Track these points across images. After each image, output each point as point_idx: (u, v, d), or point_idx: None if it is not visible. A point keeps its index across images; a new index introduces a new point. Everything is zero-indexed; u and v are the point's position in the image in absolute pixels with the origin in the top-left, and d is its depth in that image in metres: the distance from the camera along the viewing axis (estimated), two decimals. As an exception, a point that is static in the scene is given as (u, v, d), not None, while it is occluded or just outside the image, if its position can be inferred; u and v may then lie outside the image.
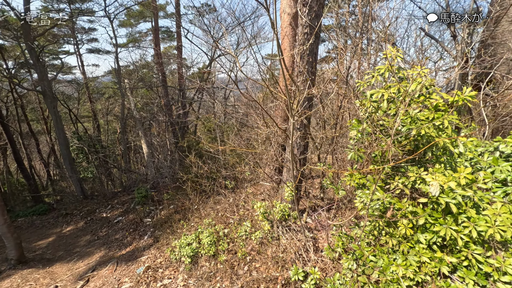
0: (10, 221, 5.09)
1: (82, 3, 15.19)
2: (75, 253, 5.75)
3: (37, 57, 8.89)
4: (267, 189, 5.30)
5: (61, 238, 6.79)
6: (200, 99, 8.86)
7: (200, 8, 12.38)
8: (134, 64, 15.30)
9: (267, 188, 5.31)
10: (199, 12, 12.16)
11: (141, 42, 18.01)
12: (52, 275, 4.89)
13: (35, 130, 18.53)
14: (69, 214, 8.03)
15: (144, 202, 7.41)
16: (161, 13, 19.35)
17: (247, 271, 2.99)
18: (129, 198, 8.35)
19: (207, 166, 5.53)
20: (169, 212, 6.06)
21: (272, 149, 5.23)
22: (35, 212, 8.66)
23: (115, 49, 11.77)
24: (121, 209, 7.67)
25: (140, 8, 18.04)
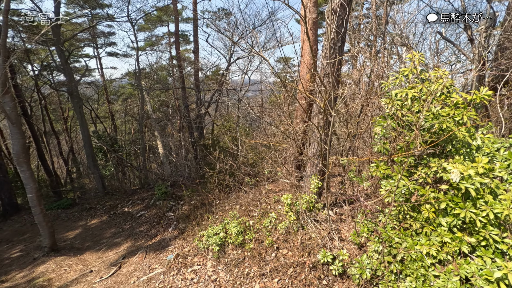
0: (45, 212, 5.52)
1: (102, 8, 15.97)
2: (103, 243, 6.14)
3: (66, 60, 9.48)
4: (287, 186, 5.56)
5: (87, 230, 7.21)
6: (217, 101, 9.22)
7: (217, 12, 12.85)
8: (151, 67, 15.90)
9: (287, 185, 5.57)
10: (217, 16, 12.62)
11: (158, 45, 18.67)
12: (83, 262, 5.27)
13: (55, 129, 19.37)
14: (92, 208, 8.48)
15: (164, 198, 7.77)
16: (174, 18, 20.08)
17: (275, 257, 3.24)
18: (148, 195, 8.74)
19: (230, 162, 5.84)
20: (190, 207, 6.38)
21: (291, 147, 5.50)
22: (60, 206, 9.16)
23: (135, 52, 12.33)
24: (142, 205, 8.06)
25: (158, 13, 18.77)
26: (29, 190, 5.13)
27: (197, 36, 11.64)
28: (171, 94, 18.42)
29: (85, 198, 10.54)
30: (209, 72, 14.14)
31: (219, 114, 11.07)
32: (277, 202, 4.77)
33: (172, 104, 18.45)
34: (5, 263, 5.89)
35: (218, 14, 12.76)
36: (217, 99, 9.01)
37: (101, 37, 18.77)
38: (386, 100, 2.34)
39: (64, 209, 9.18)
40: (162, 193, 7.79)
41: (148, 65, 15.98)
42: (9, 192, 9.56)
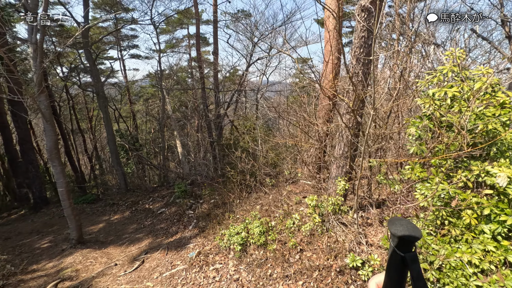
0: (74, 205, 5.77)
1: (127, 12, 16.59)
2: (125, 238, 6.33)
3: (93, 62, 9.91)
4: (308, 187, 5.48)
5: (110, 224, 7.47)
6: (236, 101, 9.28)
7: (236, 14, 12.97)
8: (172, 69, 16.29)
9: (308, 187, 5.48)
10: (236, 18, 12.74)
11: (178, 47, 19.13)
12: (108, 255, 5.45)
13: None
14: (115, 204, 8.79)
15: (183, 196, 7.90)
16: (193, 20, 20.51)
17: (299, 259, 3.19)
18: (168, 192, 8.93)
19: (252, 162, 5.85)
20: (210, 205, 6.44)
21: (313, 148, 5.41)
22: (85, 201, 9.57)
23: (157, 54, 12.71)
24: (162, 202, 8.24)
25: (178, 16, 19.25)
26: (60, 185, 5.39)
27: (217, 38, 11.79)
28: (190, 95, 18.79)
29: (108, 194, 10.94)
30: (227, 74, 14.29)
31: (238, 115, 11.15)
32: (299, 203, 4.70)
33: (191, 104, 18.81)
34: (36, 252, 6.22)
35: (237, 16, 12.88)
36: (236, 99, 9.07)
37: (125, 40, 19.54)
38: (423, 99, 2.23)
39: (88, 203, 9.58)
40: (181, 192, 7.93)
41: (169, 66, 16.40)
42: (39, 186, 10.11)
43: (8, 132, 10.98)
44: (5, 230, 8.51)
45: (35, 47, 4.75)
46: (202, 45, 21.41)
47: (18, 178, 10.79)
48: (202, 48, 22.08)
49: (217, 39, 11.84)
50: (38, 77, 4.86)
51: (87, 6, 9.36)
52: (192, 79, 19.00)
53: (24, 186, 10.85)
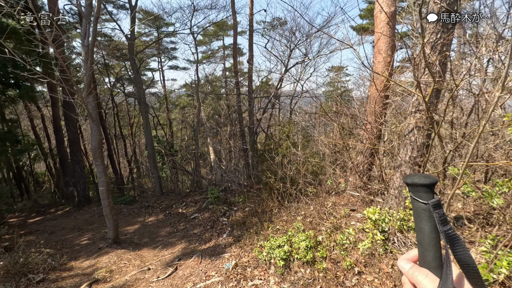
0: (112, 205, 5.74)
1: (167, 27, 17.43)
2: (159, 241, 6.14)
3: (137, 70, 10.33)
4: (354, 199, 4.84)
5: (145, 226, 7.40)
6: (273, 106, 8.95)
7: (271, 22, 12.87)
8: (207, 78, 16.61)
9: (354, 199, 4.85)
10: (272, 26, 12.62)
11: (213, 58, 19.63)
12: (141, 258, 5.26)
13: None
14: (150, 206, 8.79)
15: (216, 202, 7.62)
16: (231, 31, 20.99)
17: (357, 283, 2.62)
18: (201, 198, 8.74)
19: (293, 169, 5.38)
20: (244, 213, 6.04)
21: (362, 155, 4.80)
22: (123, 201, 9.75)
23: (194, 64, 13.05)
24: (195, 207, 8.04)
25: (214, 28, 19.88)
26: (101, 184, 5.39)
27: (252, 46, 11.71)
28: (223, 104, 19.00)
29: (144, 196, 11.11)
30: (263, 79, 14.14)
31: (275, 121, 10.80)
32: (347, 217, 4.10)
33: (224, 112, 18.97)
34: (76, 249, 6.28)
35: (273, 24, 12.78)
36: (273, 104, 8.75)
37: (165, 52, 20.60)
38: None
39: (126, 204, 9.74)
40: (214, 197, 7.66)
41: (204, 76, 16.77)
42: (84, 185, 10.58)
43: (61, 135, 11.80)
44: (51, 225, 8.92)
45: (86, 49, 4.88)
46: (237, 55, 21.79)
47: (66, 177, 11.46)
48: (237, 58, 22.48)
49: (252, 47, 11.76)
50: (88, 78, 4.97)
51: (133, 21, 9.87)
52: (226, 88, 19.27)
53: (70, 185, 11.48)
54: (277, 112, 11.65)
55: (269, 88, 14.39)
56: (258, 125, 8.72)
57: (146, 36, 17.99)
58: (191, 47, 13.32)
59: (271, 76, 15.83)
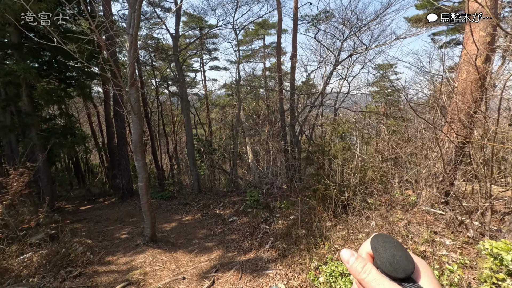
0: (152, 203, 5.40)
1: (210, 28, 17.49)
2: (195, 244, 5.68)
3: (181, 68, 10.24)
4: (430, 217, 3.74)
5: (182, 225, 7.05)
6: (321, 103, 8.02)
7: (317, 15, 11.87)
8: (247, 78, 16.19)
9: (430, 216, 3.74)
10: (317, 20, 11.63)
11: (254, 58, 19.22)
12: (176, 262, 4.81)
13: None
14: (188, 204, 8.50)
15: (255, 206, 6.96)
16: (271, 30, 20.40)
17: None
18: (239, 199, 8.17)
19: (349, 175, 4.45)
20: (288, 222, 5.26)
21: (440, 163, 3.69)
22: (162, 197, 9.67)
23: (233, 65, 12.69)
24: (232, 209, 7.49)
25: (255, 27, 19.48)
26: (140, 179, 5.08)
27: (295, 41, 10.90)
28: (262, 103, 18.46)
29: (182, 193, 10.98)
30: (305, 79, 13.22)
31: (321, 120, 9.83)
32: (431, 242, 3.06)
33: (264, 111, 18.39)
34: (115, 242, 6.13)
35: (319, 18, 11.77)
36: (321, 102, 7.83)
37: (206, 52, 20.86)
38: None
39: (165, 200, 9.64)
40: (254, 201, 7.01)
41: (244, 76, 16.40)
42: (128, 179, 10.82)
43: (111, 130, 12.34)
44: (98, 214, 9.17)
45: (131, 38, 4.61)
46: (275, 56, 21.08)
47: (113, 170, 11.91)
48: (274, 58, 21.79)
49: (296, 43, 10.95)
50: (131, 68, 4.69)
51: (178, 17, 9.79)
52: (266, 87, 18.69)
53: (117, 177, 11.90)
54: (321, 111, 10.62)
55: (309, 88, 13.42)
56: (303, 124, 7.86)
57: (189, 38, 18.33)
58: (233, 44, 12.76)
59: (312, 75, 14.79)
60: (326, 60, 8.13)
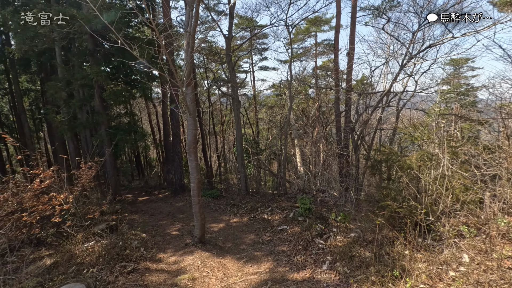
0: (202, 203, 5.25)
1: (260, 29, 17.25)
2: (243, 251, 5.35)
3: (233, 68, 10.15)
4: None
5: (229, 227, 6.83)
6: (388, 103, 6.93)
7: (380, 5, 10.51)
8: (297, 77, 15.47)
9: None
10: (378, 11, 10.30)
11: (305, 56, 18.38)
12: (224, 270, 4.53)
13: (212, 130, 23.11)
14: (235, 206, 8.31)
15: (307, 215, 6.33)
16: (325, 27, 19.18)
17: None
18: (288, 205, 7.63)
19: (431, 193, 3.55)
20: (348, 239, 4.52)
21: None
22: (211, 195, 9.72)
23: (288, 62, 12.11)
24: (281, 215, 6.99)
25: (307, 24, 18.56)
26: (193, 180, 4.96)
27: (353, 36, 9.80)
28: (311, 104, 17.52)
29: (229, 192, 10.94)
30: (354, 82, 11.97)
31: (390, 123, 8.65)
32: None
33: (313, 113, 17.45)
34: (167, 238, 6.21)
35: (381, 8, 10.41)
36: (388, 102, 6.77)
37: (256, 53, 20.75)
38: None
39: (213, 198, 9.67)
40: (305, 209, 6.39)
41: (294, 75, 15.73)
42: (181, 175, 11.24)
43: (167, 128, 13.04)
44: (153, 207, 9.68)
45: (189, 36, 4.47)
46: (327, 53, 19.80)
47: (168, 165, 12.55)
48: (326, 56, 20.50)
49: (354, 38, 9.85)
50: (188, 67, 4.56)
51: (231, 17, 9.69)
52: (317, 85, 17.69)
53: (171, 173, 12.50)
54: (382, 113, 9.34)
55: (365, 88, 12.06)
56: (364, 127, 6.90)
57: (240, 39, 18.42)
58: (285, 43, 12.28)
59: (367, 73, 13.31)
60: (394, 55, 7.00)
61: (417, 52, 5.92)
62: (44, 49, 8.62)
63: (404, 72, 8.20)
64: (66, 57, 9.36)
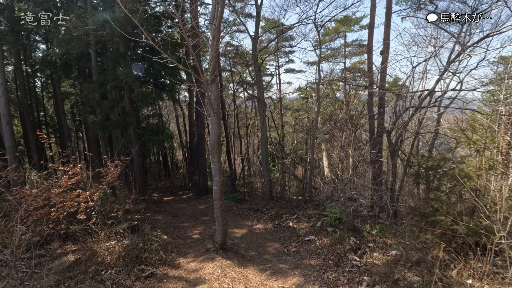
0: (224, 207, 4.92)
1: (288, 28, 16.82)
2: (266, 261, 4.90)
3: (259, 68, 9.85)
4: None
5: (252, 234, 6.43)
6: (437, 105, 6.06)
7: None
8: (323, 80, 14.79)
9: None
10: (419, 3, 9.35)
11: (333, 57, 17.57)
12: (246, 282, 4.12)
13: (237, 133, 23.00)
14: (259, 211, 7.90)
15: (337, 225, 5.72)
16: (354, 26, 18.19)
17: None
18: (315, 213, 7.04)
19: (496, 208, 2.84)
20: (388, 258, 3.87)
21: None
22: (234, 199, 9.42)
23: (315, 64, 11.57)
24: (308, 223, 6.42)
25: (336, 24, 17.77)
26: (215, 183, 4.66)
27: (388, 31, 8.95)
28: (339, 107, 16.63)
29: (253, 196, 10.56)
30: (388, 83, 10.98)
31: (445, 126, 7.70)
32: None
33: (342, 116, 16.54)
34: (187, 242, 5.96)
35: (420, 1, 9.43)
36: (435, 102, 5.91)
37: (282, 56, 20.36)
38: None
39: (236, 202, 9.36)
40: (335, 219, 5.78)
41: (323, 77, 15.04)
42: (204, 176, 11.13)
43: (193, 130, 13.10)
44: (176, 208, 9.62)
45: (214, 30, 4.21)
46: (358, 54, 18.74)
47: (192, 167, 12.55)
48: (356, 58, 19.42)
49: (389, 33, 9.01)
50: (213, 62, 4.30)
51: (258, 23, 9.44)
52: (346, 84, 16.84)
53: (195, 174, 12.47)
54: (425, 113, 8.33)
55: (398, 89, 11.01)
56: (404, 130, 6.12)
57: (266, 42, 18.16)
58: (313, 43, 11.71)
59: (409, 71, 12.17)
60: (437, 50, 6.17)
61: (471, 44, 5.07)
62: (81, 55, 9.07)
63: (449, 70, 7.23)
64: (101, 62, 9.77)
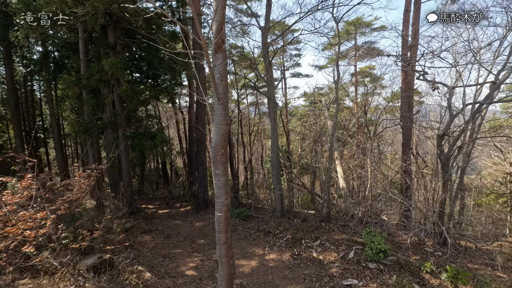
0: (231, 242, 3.27)
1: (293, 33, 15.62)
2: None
3: (270, 63, 8.41)
4: None
5: (265, 269, 4.75)
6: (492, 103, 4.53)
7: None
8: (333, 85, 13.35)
9: None
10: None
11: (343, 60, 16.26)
12: None
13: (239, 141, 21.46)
14: (270, 233, 6.23)
15: (380, 259, 4.07)
16: (366, 29, 16.98)
17: None
18: (344, 239, 5.38)
19: None
20: None
21: None
22: (239, 215, 7.76)
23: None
24: (336, 253, 4.76)
25: (345, 27, 16.58)
26: (219, 207, 3.03)
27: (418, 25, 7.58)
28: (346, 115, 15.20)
29: (259, 211, 8.88)
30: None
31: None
32: None
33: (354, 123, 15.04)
34: (178, 283, 4.26)
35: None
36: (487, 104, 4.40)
37: (288, 60, 19.12)
38: None
39: (241, 219, 7.70)
40: (378, 251, 4.13)
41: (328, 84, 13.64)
42: (204, 188, 9.49)
43: (193, 134, 11.54)
44: (171, 225, 7.91)
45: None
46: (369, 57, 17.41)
47: (191, 176, 10.92)
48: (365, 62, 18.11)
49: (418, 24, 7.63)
50: (219, 15, 2.76)
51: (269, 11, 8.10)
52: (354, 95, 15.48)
53: (194, 184, 10.82)
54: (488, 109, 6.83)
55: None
56: (465, 133, 4.56)
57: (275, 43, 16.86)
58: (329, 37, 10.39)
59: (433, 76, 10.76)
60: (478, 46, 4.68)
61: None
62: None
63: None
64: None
